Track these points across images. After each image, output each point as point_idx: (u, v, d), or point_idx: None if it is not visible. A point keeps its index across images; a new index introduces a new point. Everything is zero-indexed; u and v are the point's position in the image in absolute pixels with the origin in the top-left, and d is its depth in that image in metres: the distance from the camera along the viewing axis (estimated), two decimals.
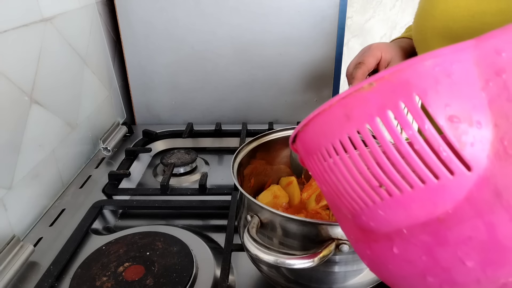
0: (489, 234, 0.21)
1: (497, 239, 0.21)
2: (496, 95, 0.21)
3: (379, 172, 0.23)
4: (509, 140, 0.20)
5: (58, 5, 0.70)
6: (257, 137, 0.55)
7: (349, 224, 0.29)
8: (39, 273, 0.51)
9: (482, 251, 0.21)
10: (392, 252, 0.25)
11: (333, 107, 0.26)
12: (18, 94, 0.59)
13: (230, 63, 0.95)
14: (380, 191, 0.24)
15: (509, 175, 0.20)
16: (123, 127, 0.92)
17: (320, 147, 0.27)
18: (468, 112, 0.21)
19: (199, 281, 0.49)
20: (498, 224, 0.20)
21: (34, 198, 0.63)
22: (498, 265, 0.21)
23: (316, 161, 0.28)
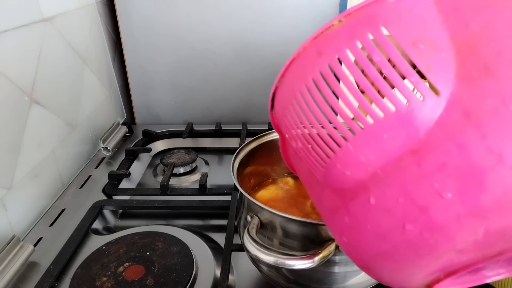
0: (463, 156, 0.21)
1: (471, 160, 0.20)
2: (455, 26, 0.22)
3: (350, 102, 0.24)
4: (471, 63, 0.21)
5: (58, 5, 0.70)
6: (257, 137, 0.55)
7: (325, 195, 0.29)
8: (39, 273, 0.51)
9: (457, 177, 0.21)
10: (370, 205, 0.24)
11: (307, 48, 0.27)
12: (18, 94, 0.59)
13: (230, 63, 0.95)
14: (352, 124, 0.24)
15: (475, 95, 0.21)
16: (123, 127, 0.92)
17: (295, 92, 0.27)
18: (430, 39, 0.22)
19: (199, 281, 0.49)
20: (470, 144, 0.20)
21: (34, 198, 0.63)
22: (476, 190, 0.20)
23: (291, 112, 0.28)
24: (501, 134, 0.20)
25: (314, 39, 0.26)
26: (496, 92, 0.20)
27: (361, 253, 0.27)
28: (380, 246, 0.25)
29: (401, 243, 0.24)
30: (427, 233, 0.22)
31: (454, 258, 0.23)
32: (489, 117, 0.20)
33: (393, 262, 0.25)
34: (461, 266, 0.23)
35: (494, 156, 0.20)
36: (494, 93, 0.20)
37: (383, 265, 0.26)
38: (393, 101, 0.23)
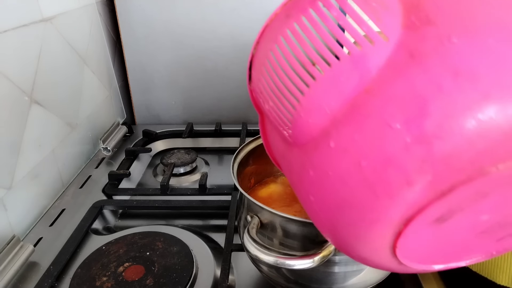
0: (408, 88, 0.24)
1: (415, 91, 0.24)
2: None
3: (312, 51, 0.27)
4: (415, 16, 0.26)
5: (58, 5, 0.70)
6: (257, 137, 0.55)
7: (293, 158, 0.31)
8: (39, 273, 0.51)
9: (404, 108, 0.24)
10: (330, 149, 0.27)
11: (278, 14, 0.32)
12: (18, 94, 0.59)
13: (230, 63, 0.95)
14: (313, 70, 0.28)
15: (418, 39, 0.25)
16: (123, 127, 0.92)
17: (267, 53, 0.31)
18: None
19: (199, 281, 0.49)
20: (414, 78, 0.24)
21: (34, 198, 0.63)
22: (420, 117, 0.23)
23: (264, 73, 0.32)
24: (439, 68, 0.23)
25: (284, 5, 0.32)
26: (435, 35, 0.24)
27: (325, 209, 0.29)
28: (340, 192, 0.27)
29: (359, 184, 0.25)
30: (380, 167, 0.24)
31: (408, 197, 0.24)
32: (429, 55, 0.24)
33: (353, 211, 0.27)
34: (417, 209, 0.24)
35: (434, 86, 0.23)
36: (433, 37, 0.24)
37: (345, 219, 0.27)
38: (348, 47, 0.27)
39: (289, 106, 0.30)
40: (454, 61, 0.23)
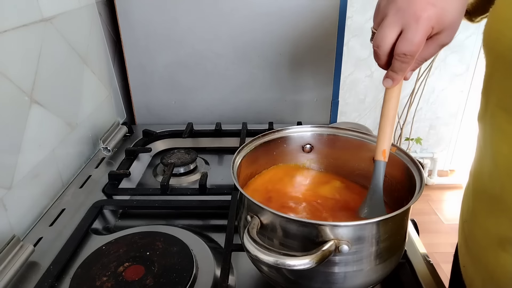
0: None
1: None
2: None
3: None
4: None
5: (58, 5, 0.70)
6: (257, 137, 0.55)
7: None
8: (39, 273, 0.51)
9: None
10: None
11: None
12: (18, 94, 0.59)
13: (230, 63, 0.95)
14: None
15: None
16: (123, 127, 0.92)
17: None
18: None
19: (199, 281, 0.49)
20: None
21: (34, 198, 0.63)
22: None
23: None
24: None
25: None
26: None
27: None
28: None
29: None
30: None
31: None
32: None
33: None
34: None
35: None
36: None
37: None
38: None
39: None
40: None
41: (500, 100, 0.38)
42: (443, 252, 1.33)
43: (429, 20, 0.40)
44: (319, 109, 1.01)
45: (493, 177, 0.40)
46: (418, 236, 0.59)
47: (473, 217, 0.44)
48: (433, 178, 2.23)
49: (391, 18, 0.41)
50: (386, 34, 0.41)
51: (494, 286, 0.41)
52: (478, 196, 0.43)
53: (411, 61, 0.42)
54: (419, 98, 2.01)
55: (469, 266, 0.46)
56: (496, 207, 0.39)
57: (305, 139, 0.58)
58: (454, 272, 0.54)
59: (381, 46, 0.42)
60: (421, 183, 0.44)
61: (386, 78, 0.44)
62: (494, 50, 0.38)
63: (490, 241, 0.41)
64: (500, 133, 0.38)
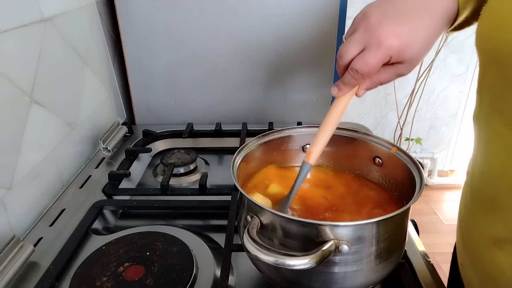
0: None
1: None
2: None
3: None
4: None
5: (58, 5, 0.70)
6: (257, 137, 0.55)
7: None
8: (39, 273, 0.51)
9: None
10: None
11: None
12: (18, 94, 0.59)
13: (230, 63, 0.95)
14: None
15: None
16: (123, 127, 0.92)
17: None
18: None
19: (199, 281, 0.49)
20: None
21: (34, 198, 0.63)
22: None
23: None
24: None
25: None
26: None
27: None
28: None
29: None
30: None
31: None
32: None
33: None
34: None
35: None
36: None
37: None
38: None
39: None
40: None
41: (493, 100, 0.38)
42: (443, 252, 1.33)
43: (389, 49, 0.41)
44: (319, 109, 1.01)
45: (488, 177, 0.40)
46: (418, 236, 0.59)
47: (470, 216, 0.45)
48: (433, 178, 2.23)
49: (358, 35, 0.43)
50: (349, 48, 0.43)
51: (491, 284, 0.41)
52: (474, 195, 0.44)
53: (361, 79, 0.44)
54: (419, 98, 2.01)
55: (467, 265, 0.46)
56: (491, 206, 0.40)
57: (305, 139, 0.58)
58: (453, 271, 0.54)
59: (342, 57, 0.44)
60: (421, 183, 0.44)
61: (335, 86, 0.47)
62: (486, 50, 0.38)
63: (486, 240, 0.41)
64: (493, 134, 0.38)
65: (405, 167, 0.49)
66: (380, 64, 0.42)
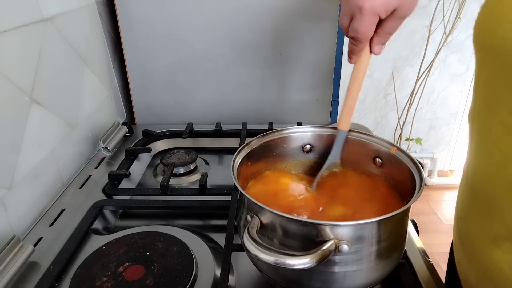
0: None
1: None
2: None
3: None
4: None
5: (58, 5, 0.70)
6: (257, 137, 0.55)
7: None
8: (39, 273, 0.51)
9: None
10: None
11: None
12: (18, 94, 0.59)
13: (230, 63, 0.95)
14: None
15: None
16: (123, 127, 0.92)
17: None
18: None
19: (199, 281, 0.49)
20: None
21: (34, 198, 0.63)
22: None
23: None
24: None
25: None
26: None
27: None
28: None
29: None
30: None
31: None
32: None
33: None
34: None
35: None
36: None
37: None
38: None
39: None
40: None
41: (487, 98, 0.38)
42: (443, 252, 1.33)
43: (371, 10, 0.44)
44: (319, 109, 1.01)
45: (483, 175, 0.40)
46: (418, 236, 0.59)
47: (467, 215, 0.45)
48: (433, 178, 2.23)
49: (343, 8, 0.47)
50: (342, 21, 0.49)
51: (488, 282, 0.41)
52: (471, 193, 0.44)
53: (361, 44, 0.48)
54: (419, 98, 2.02)
55: (464, 262, 0.46)
56: (489, 205, 0.40)
57: (305, 139, 0.58)
58: (450, 268, 0.54)
59: (342, 30, 0.50)
60: (421, 183, 0.44)
61: (348, 56, 0.51)
62: (485, 46, 0.38)
63: (484, 238, 0.41)
64: (487, 132, 0.38)
65: (405, 167, 0.49)
66: (370, 26, 0.45)
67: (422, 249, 0.55)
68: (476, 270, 0.43)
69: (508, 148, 0.35)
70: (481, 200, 0.41)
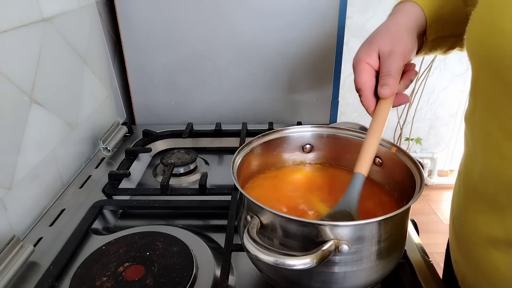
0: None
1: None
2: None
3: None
4: None
5: (58, 5, 0.70)
6: (257, 137, 0.55)
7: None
8: (39, 273, 0.51)
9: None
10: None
11: None
12: (18, 94, 0.59)
13: (230, 63, 0.95)
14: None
15: None
16: (123, 127, 0.92)
17: None
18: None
19: (199, 281, 0.49)
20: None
21: (34, 198, 0.63)
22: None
23: None
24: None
25: None
26: None
27: None
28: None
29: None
30: None
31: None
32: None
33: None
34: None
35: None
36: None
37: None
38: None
39: None
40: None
41: (487, 103, 0.38)
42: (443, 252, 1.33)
43: (358, 61, 0.49)
44: (319, 109, 1.01)
45: (485, 178, 0.40)
46: (418, 236, 0.59)
47: (463, 215, 0.45)
48: (433, 178, 2.23)
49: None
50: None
51: (485, 281, 0.41)
52: (468, 194, 0.44)
53: (363, 94, 0.48)
54: (419, 98, 2.01)
55: (460, 262, 0.46)
56: (487, 206, 0.40)
57: (305, 139, 0.58)
58: (446, 268, 0.54)
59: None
60: (421, 183, 0.44)
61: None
62: (478, 55, 0.38)
63: (480, 239, 0.41)
64: (487, 135, 0.38)
65: (405, 167, 0.49)
66: (363, 75, 0.48)
67: (422, 249, 0.55)
68: (473, 270, 0.43)
69: (508, 151, 0.36)
70: (478, 201, 0.41)
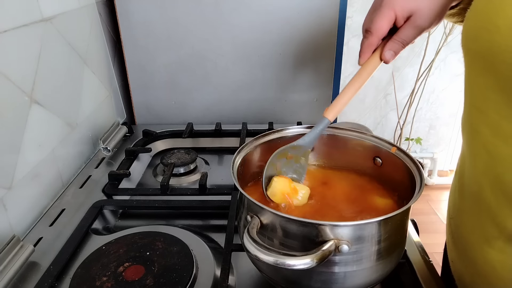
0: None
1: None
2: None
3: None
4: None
5: (58, 5, 0.70)
6: (257, 137, 0.55)
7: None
8: (39, 273, 0.51)
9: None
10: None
11: None
12: (18, 94, 0.59)
13: (230, 63, 0.95)
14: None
15: None
16: (123, 127, 0.92)
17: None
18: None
19: (199, 281, 0.49)
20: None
21: (34, 198, 0.63)
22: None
23: None
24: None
25: None
26: None
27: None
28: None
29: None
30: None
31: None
32: None
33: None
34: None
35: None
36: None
37: None
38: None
39: None
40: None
41: (475, 100, 0.39)
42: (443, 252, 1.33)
43: (389, 3, 0.46)
44: (319, 109, 1.01)
45: (473, 176, 0.40)
46: (418, 236, 0.59)
47: (459, 215, 0.45)
48: (433, 178, 2.23)
49: (370, 10, 0.50)
50: (364, 21, 0.51)
51: (482, 280, 0.41)
52: (462, 194, 0.44)
53: (371, 36, 0.49)
54: (419, 98, 2.01)
55: (457, 262, 0.47)
56: (479, 205, 0.40)
57: None
58: (444, 267, 0.54)
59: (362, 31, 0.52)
60: (421, 183, 0.44)
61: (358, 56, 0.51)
62: (472, 50, 0.38)
63: (476, 238, 0.41)
64: (475, 133, 0.39)
65: (405, 167, 0.49)
66: (384, 20, 0.47)
67: (422, 249, 0.55)
68: (470, 269, 0.44)
69: (495, 149, 0.36)
70: (471, 201, 0.41)
